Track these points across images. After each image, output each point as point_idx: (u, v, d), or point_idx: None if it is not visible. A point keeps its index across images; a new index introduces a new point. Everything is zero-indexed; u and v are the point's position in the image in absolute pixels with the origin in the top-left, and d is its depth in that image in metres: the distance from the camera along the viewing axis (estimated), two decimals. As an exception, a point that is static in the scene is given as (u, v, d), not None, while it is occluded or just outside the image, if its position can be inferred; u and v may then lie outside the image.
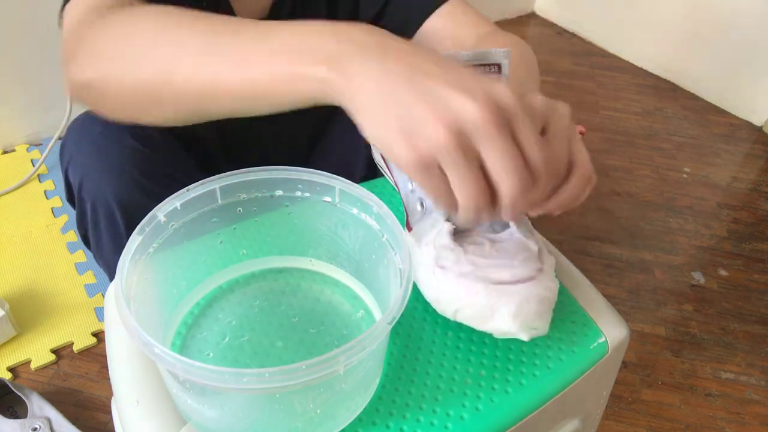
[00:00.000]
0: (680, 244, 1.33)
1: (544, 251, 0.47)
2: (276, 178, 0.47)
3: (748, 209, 1.45)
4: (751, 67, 1.71)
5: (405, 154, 0.34)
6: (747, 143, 1.68)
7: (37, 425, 0.82)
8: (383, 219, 0.44)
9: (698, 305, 1.18)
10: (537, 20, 2.22)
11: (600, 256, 1.27)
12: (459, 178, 0.35)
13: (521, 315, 0.42)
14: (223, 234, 0.49)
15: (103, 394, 0.94)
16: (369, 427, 0.41)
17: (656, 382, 1.03)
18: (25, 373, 0.96)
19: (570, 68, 1.93)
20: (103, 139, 0.63)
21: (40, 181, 1.32)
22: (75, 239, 1.18)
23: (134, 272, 0.40)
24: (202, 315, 0.48)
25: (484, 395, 0.44)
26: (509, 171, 0.34)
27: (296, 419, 0.39)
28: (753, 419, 0.98)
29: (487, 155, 0.34)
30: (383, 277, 0.46)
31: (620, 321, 0.52)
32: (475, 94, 0.34)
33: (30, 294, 1.07)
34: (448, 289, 0.44)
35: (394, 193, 0.62)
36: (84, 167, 0.63)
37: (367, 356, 0.37)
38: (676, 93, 1.87)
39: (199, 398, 0.38)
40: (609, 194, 1.44)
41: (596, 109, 1.75)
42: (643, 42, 1.95)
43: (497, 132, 0.34)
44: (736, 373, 1.06)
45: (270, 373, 0.32)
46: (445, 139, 0.33)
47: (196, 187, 0.44)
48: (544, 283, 0.44)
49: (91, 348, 1.00)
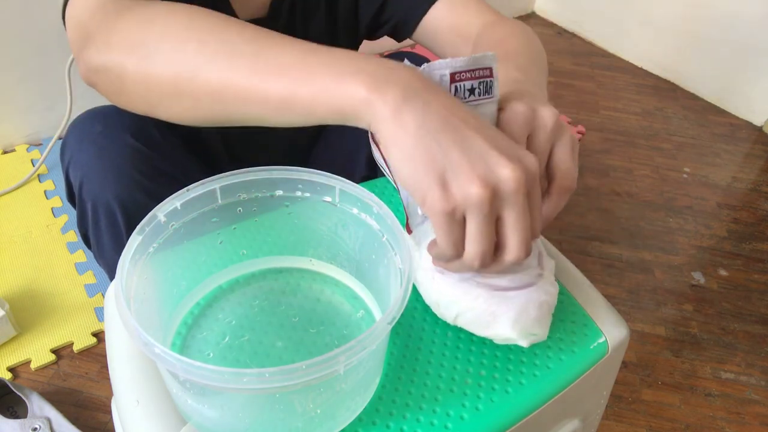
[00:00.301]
0: (680, 244, 1.33)
1: (544, 255, 0.47)
2: (276, 178, 0.47)
3: (748, 209, 1.45)
4: (751, 67, 1.71)
5: (438, 202, 0.36)
6: (747, 143, 1.68)
7: (37, 425, 0.82)
8: (383, 219, 0.44)
9: (698, 305, 1.18)
10: (537, 20, 2.22)
11: (600, 256, 1.27)
12: (479, 233, 0.37)
13: (521, 322, 0.42)
14: (223, 234, 0.49)
15: (103, 394, 0.94)
16: (369, 427, 0.41)
17: (656, 382, 1.03)
18: (25, 373, 0.96)
19: (570, 68, 1.93)
20: (103, 139, 0.63)
21: (40, 181, 1.32)
22: (75, 239, 1.18)
23: (134, 272, 0.40)
24: (202, 315, 0.48)
25: (484, 395, 0.44)
26: (521, 230, 0.37)
27: (296, 419, 0.39)
28: (753, 419, 0.98)
29: (509, 215, 0.37)
30: (383, 277, 0.46)
31: (620, 321, 0.52)
32: (512, 160, 0.36)
33: (30, 294, 1.07)
34: (448, 293, 0.44)
35: (394, 193, 0.62)
36: (85, 167, 0.63)
37: (367, 356, 0.37)
38: (676, 93, 1.87)
39: (199, 398, 0.38)
40: (609, 194, 1.44)
41: (596, 109, 1.75)
42: (643, 42, 1.95)
43: (523, 199, 0.36)
44: (736, 373, 1.06)
45: (270, 373, 0.32)
46: (480, 196, 0.35)
47: (196, 187, 0.44)
48: (544, 288, 0.44)
49: (91, 348, 1.00)
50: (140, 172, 0.63)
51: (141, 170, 0.63)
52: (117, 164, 0.62)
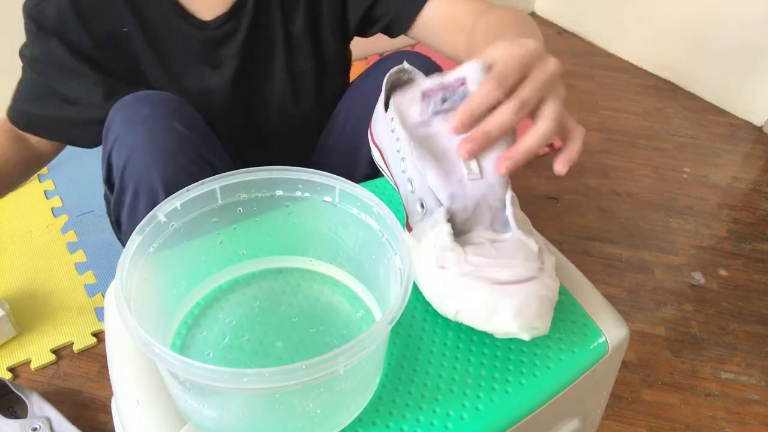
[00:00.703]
0: (680, 244, 1.33)
1: (545, 251, 0.47)
2: (276, 178, 0.47)
3: (748, 209, 1.45)
4: (751, 67, 1.71)
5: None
6: (747, 143, 1.68)
7: (37, 425, 0.82)
8: (383, 219, 0.44)
9: (698, 305, 1.18)
10: (537, 20, 2.22)
11: (600, 256, 1.27)
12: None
13: (522, 315, 0.42)
14: (223, 234, 0.49)
15: (103, 394, 0.94)
16: (369, 427, 0.41)
17: (656, 382, 1.03)
18: (25, 373, 0.96)
19: (570, 68, 1.93)
20: (153, 122, 0.62)
21: (40, 181, 1.32)
22: (75, 239, 1.18)
23: (134, 272, 0.40)
24: (202, 315, 0.48)
25: (484, 395, 0.44)
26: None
27: (296, 419, 0.39)
28: (753, 419, 0.98)
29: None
30: (383, 277, 0.46)
31: (620, 321, 0.52)
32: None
33: (30, 294, 1.07)
34: (449, 289, 0.44)
35: (394, 193, 0.62)
36: (132, 148, 0.62)
37: (367, 356, 0.37)
38: (676, 93, 1.87)
39: (199, 398, 0.38)
40: (609, 194, 1.44)
41: (596, 109, 1.75)
42: (643, 42, 1.95)
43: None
44: (736, 373, 1.06)
45: (270, 373, 0.32)
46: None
47: (196, 187, 0.44)
48: (544, 283, 0.44)
49: (91, 348, 1.00)
50: (186, 157, 0.63)
51: (187, 155, 0.63)
52: (165, 147, 0.62)
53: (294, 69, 0.77)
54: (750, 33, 1.68)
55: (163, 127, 0.62)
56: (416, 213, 0.48)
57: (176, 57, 0.72)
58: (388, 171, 0.57)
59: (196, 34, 0.71)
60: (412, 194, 0.49)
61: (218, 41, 0.72)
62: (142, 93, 0.65)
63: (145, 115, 0.62)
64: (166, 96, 0.65)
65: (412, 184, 0.49)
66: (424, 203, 0.48)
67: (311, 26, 0.76)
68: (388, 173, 0.58)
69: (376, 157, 0.61)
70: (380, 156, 0.58)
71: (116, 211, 0.68)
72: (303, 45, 0.76)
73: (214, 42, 0.72)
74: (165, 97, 0.65)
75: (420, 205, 0.48)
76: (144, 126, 0.62)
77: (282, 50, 0.75)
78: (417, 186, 0.48)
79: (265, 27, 0.73)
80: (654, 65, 1.95)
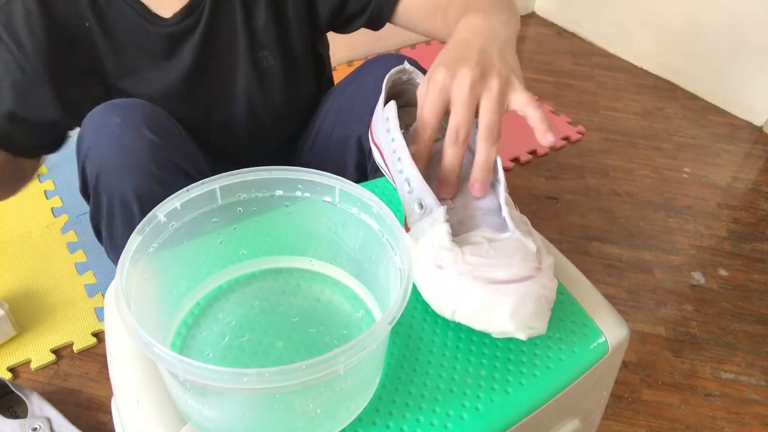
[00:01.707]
0: (680, 244, 1.33)
1: (543, 250, 0.47)
2: (276, 178, 0.47)
3: (748, 209, 1.45)
4: (751, 67, 1.71)
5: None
6: (747, 143, 1.68)
7: (37, 425, 0.82)
8: (383, 219, 0.44)
9: (698, 305, 1.18)
10: (537, 20, 2.22)
11: (600, 256, 1.27)
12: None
13: (518, 314, 0.42)
14: (223, 234, 0.49)
15: (103, 394, 0.94)
16: (369, 427, 0.41)
17: (656, 382, 1.03)
18: (25, 373, 0.96)
19: (570, 68, 1.93)
20: (122, 131, 0.62)
21: (40, 181, 1.32)
22: (75, 239, 1.18)
23: (134, 272, 0.40)
24: (202, 315, 0.48)
25: (484, 395, 0.44)
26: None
27: (296, 419, 0.39)
28: (753, 419, 0.98)
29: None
30: (383, 277, 0.46)
31: (620, 321, 0.52)
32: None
33: (30, 294, 1.07)
34: (446, 289, 0.44)
35: (393, 193, 0.62)
36: (103, 159, 0.62)
37: (367, 356, 0.37)
38: (676, 93, 1.87)
39: (199, 398, 0.38)
40: (609, 194, 1.44)
41: (596, 109, 1.75)
42: (643, 42, 1.95)
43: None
44: (736, 373, 1.06)
45: (270, 373, 0.32)
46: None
47: (196, 186, 0.44)
48: (541, 282, 0.43)
49: (91, 348, 1.00)
50: (157, 165, 0.63)
51: (158, 163, 0.63)
52: (136, 157, 0.62)
53: (259, 64, 0.76)
54: (750, 33, 1.68)
55: (132, 136, 0.62)
56: (414, 213, 0.48)
57: (136, 54, 0.71)
58: (388, 171, 0.57)
59: (155, 31, 0.70)
60: (410, 194, 0.49)
61: (177, 37, 0.71)
62: (111, 102, 0.65)
63: (116, 125, 0.62)
64: (136, 103, 0.65)
65: (409, 185, 0.49)
66: (423, 203, 0.48)
67: (276, 20, 0.74)
68: (388, 174, 0.58)
69: (377, 158, 0.61)
70: (380, 156, 0.58)
71: (95, 221, 0.68)
72: (267, 39, 0.75)
73: (173, 38, 0.71)
74: (135, 105, 0.65)
75: (418, 204, 0.48)
76: (114, 136, 0.62)
77: (244, 45, 0.74)
78: (414, 186, 0.48)
79: (225, 21, 0.72)
80: (654, 65, 1.95)
